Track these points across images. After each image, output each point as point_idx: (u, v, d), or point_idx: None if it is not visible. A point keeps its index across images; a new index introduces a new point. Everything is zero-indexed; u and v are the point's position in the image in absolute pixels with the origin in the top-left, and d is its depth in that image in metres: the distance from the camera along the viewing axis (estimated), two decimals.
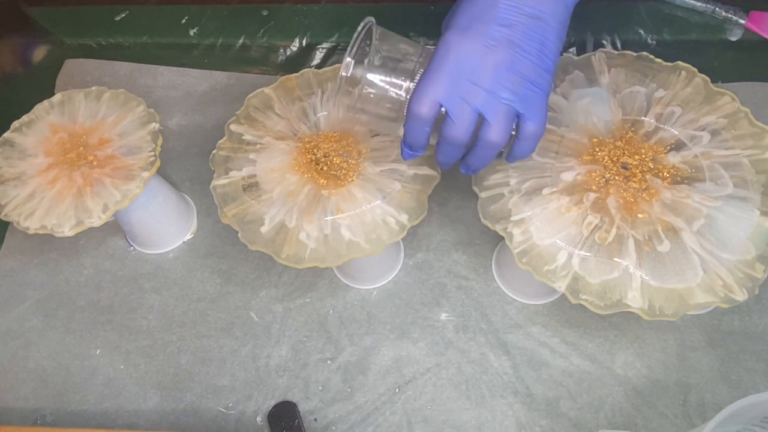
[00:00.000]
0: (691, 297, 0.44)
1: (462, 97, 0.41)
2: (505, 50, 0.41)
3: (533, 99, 0.42)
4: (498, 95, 0.41)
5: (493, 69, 0.41)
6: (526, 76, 0.41)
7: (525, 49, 0.41)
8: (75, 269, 0.62)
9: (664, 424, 0.51)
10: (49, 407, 0.55)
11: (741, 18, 0.70)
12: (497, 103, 0.41)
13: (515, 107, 0.42)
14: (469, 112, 0.42)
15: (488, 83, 0.41)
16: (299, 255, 0.48)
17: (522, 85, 0.41)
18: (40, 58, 0.77)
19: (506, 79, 0.41)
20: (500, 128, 0.42)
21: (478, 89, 0.41)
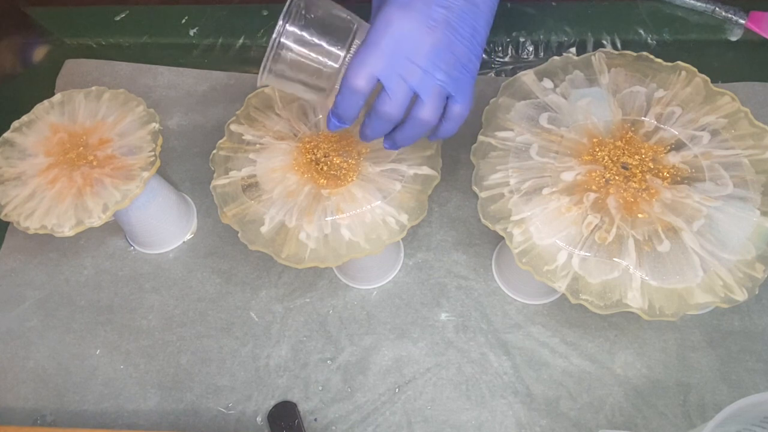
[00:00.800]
0: (691, 297, 0.44)
1: (399, 74, 0.42)
2: (443, 31, 0.42)
3: (463, 82, 0.43)
4: (433, 75, 0.42)
5: (431, 49, 0.42)
6: (459, 59, 0.43)
7: (460, 33, 0.42)
8: (75, 269, 0.62)
9: (664, 424, 0.51)
10: (49, 407, 0.55)
11: (741, 18, 0.70)
12: (432, 83, 0.42)
13: (447, 89, 0.43)
14: (405, 89, 0.42)
15: (425, 63, 0.42)
16: (299, 255, 0.48)
17: (455, 68, 0.43)
18: (40, 58, 0.77)
19: (442, 60, 0.42)
20: (433, 107, 0.43)
21: (416, 68, 0.42)
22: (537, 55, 0.71)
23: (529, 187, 0.48)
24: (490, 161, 0.50)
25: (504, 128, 0.51)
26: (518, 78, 0.53)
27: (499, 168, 0.49)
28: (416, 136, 0.46)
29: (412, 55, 0.42)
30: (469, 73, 0.44)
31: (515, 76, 0.53)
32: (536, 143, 0.50)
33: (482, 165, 0.50)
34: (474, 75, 0.44)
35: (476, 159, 0.50)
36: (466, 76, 0.43)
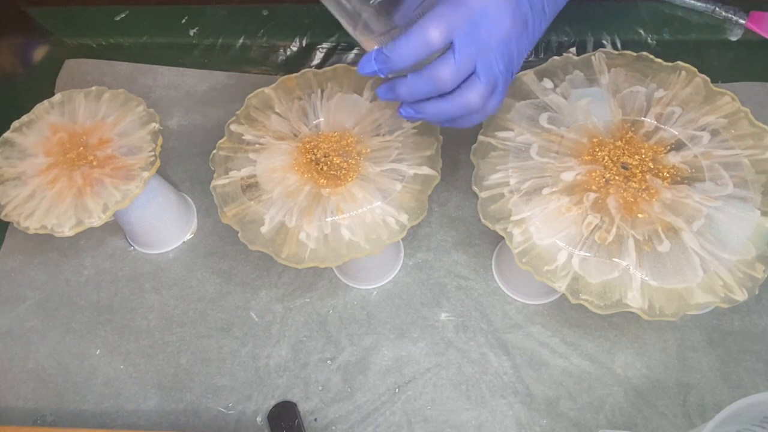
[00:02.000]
0: (691, 297, 0.44)
1: (474, 47, 0.40)
2: (522, 27, 0.42)
3: (509, 78, 0.43)
4: (498, 62, 0.41)
5: (508, 37, 0.41)
6: (518, 56, 0.43)
7: (529, 33, 0.43)
8: (75, 269, 0.62)
9: (664, 424, 0.51)
10: (49, 407, 0.55)
11: (741, 18, 0.70)
12: (495, 69, 0.42)
13: (499, 80, 0.42)
14: (470, 62, 0.41)
15: (499, 47, 0.41)
16: (299, 255, 0.48)
17: (512, 63, 0.42)
18: (40, 58, 0.77)
19: (509, 52, 0.42)
20: (484, 93, 0.42)
21: (489, 47, 0.41)
22: (537, 55, 0.71)
23: (529, 187, 0.48)
24: (490, 161, 0.50)
25: (504, 128, 0.51)
26: (518, 78, 0.53)
27: (499, 168, 0.49)
28: (450, 115, 0.44)
29: (492, 33, 0.41)
30: (513, 73, 0.43)
31: (515, 76, 0.53)
32: (536, 143, 0.50)
33: (482, 165, 0.50)
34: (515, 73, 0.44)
35: (476, 159, 0.50)
36: (511, 75, 0.43)
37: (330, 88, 0.55)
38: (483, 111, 0.44)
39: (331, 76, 0.56)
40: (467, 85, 0.42)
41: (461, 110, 0.43)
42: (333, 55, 0.73)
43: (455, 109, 0.43)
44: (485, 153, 0.50)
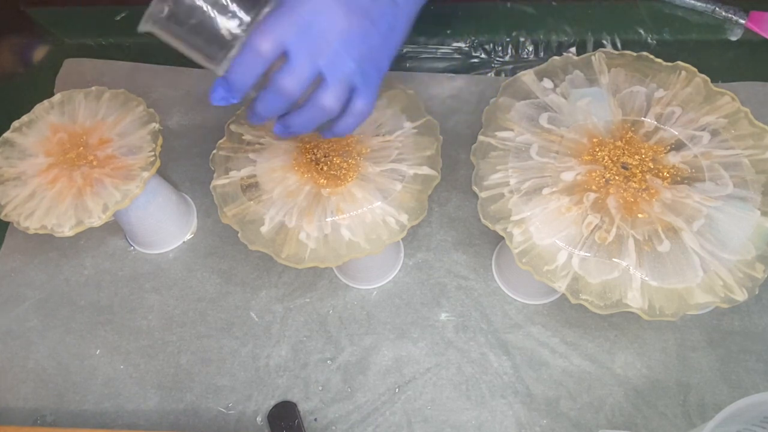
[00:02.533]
0: (691, 297, 0.44)
1: (309, 50, 0.39)
2: (362, 20, 0.40)
3: (372, 78, 0.42)
4: (345, 61, 0.40)
5: (347, 33, 0.40)
6: (372, 54, 0.41)
7: (378, 28, 0.41)
8: (75, 269, 0.62)
9: (664, 424, 0.51)
10: (49, 407, 0.55)
11: (741, 18, 0.70)
12: (341, 69, 0.40)
13: (355, 79, 0.41)
14: (311, 66, 0.40)
15: (339, 45, 0.40)
16: (299, 255, 0.48)
17: (366, 61, 0.41)
18: (40, 58, 0.77)
19: (356, 49, 0.40)
20: (337, 94, 0.41)
21: (328, 47, 0.40)
22: (537, 55, 0.71)
23: (529, 187, 0.48)
24: (490, 161, 0.50)
25: (504, 128, 0.51)
26: (518, 78, 0.53)
27: (499, 168, 0.49)
28: (312, 124, 0.43)
29: (327, 33, 0.39)
30: (379, 70, 0.42)
31: (515, 76, 0.53)
32: (536, 143, 0.50)
33: (482, 165, 0.50)
34: (382, 75, 0.42)
35: (476, 159, 0.50)
36: (375, 72, 0.42)
37: None
38: (352, 113, 0.43)
39: None
40: (317, 91, 0.41)
41: (321, 116, 0.42)
42: None
43: (315, 117, 0.42)
44: (485, 153, 0.50)
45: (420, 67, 0.71)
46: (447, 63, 0.71)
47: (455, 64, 0.71)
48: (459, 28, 0.73)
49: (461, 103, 0.67)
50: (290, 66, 0.40)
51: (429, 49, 0.72)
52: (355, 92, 0.42)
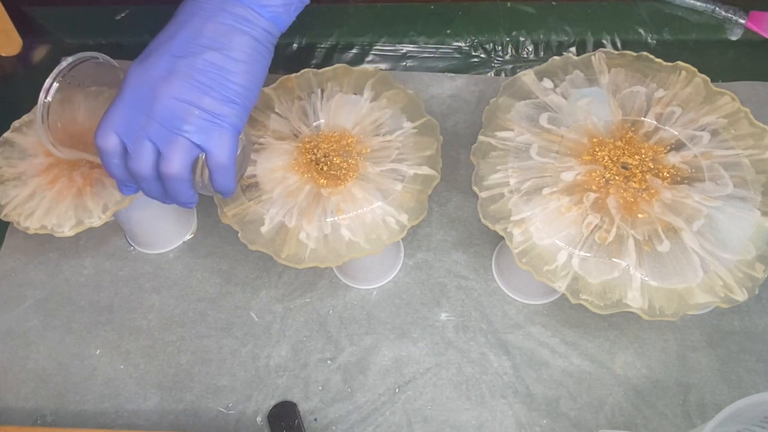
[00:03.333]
0: (691, 297, 0.44)
1: (137, 129, 0.41)
2: (178, 81, 0.41)
3: (212, 130, 0.42)
4: (170, 126, 0.41)
5: (166, 100, 0.41)
6: (202, 107, 0.41)
7: (200, 80, 0.41)
8: (75, 269, 0.62)
9: (664, 424, 0.51)
10: (49, 407, 0.55)
11: (741, 18, 0.70)
12: (170, 134, 0.41)
13: (192, 139, 0.41)
14: (145, 144, 0.41)
15: (160, 114, 0.41)
16: (299, 255, 0.48)
17: (198, 116, 0.41)
18: (40, 58, 0.77)
19: (179, 110, 0.41)
20: (175, 160, 0.42)
21: (152, 120, 0.41)
22: (537, 54, 0.71)
23: (529, 187, 0.48)
24: (490, 161, 0.50)
25: (504, 128, 0.51)
26: (518, 78, 0.53)
27: (499, 168, 0.49)
28: (182, 192, 0.44)
29: (148, 108, 0.41)
30: (220, 120, 0.42)
31: (515, 76, 0.53)
32: (536, 143, 0.50)
33: (482, 165, 0.50)
34: (231, 122, 0.42)
35: (476, 159, 0.50)
36: (216, 123, 0.42)
37: (330, 88, 0.55)
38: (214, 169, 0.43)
39: (331, 76, 0.56)
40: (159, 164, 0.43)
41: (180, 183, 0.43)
42: (333, 55, 0.73)
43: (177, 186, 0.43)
44: (485, 153, 0.50)
45: (420, 67, 0.71)
46: (447, 63, 0.71)
47: (455, 64, 0.71)
48: (459, 28, 0.73)
49: (461, 103, 0.67)
50: (129, 152, 0.42)
51: (429, 49, 0.72)
52: (204, 149, 0.42)
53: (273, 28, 0.44)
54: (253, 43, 0.43)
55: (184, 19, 0.43)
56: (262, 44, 0.43)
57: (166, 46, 0.42)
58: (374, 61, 0.72)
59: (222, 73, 0.42)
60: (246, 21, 0.42)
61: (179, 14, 0.43)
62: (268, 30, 0.44)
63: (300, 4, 0.45)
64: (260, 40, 0.43)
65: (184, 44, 0.42)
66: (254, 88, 0.43)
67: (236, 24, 0.42)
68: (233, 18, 0.42)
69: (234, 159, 0.43)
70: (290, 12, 0.45)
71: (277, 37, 0.45)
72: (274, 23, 0.44)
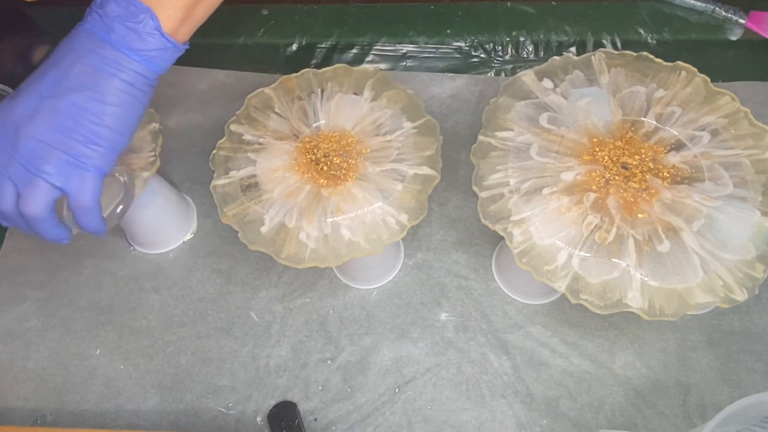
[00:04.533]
0: (691, 297, 0.44)
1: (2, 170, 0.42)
2: (41, 121, 0.41)
3: (73, 172, 0.42)
4: (30, 166, 0.41)
5: (27, 139, 0.41)
6: (64, 149, 0.41)
7: (62, 122, 0.41)
8: (75, 269, 0.62)
9: (664, 424, 0.51)
10: (49, 407, 0.55)
11: (741, 18, 0.70)
12: (29, 175, 0.41)
13: (50, 180, 0.41)
14: (5, 183, 0.42)
15: (21, 154, 0.41)
16: (299, 255, 0.48)
17: (59, 158, 0.41)
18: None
19: (40, 150, 0.41)
20: (32, 201, 0.42)
21: (13, 160, 0.41)
22: (537, 54, 0.71)
23: (529, 187, 0.48)
24: (490, 161, 0.50)
25: (504, 128, 0.51)
26: (518, 78, 0.53)
27: (499, 168, 0.49)
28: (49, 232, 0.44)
29: (11, 147, 0.41)
30: (81, 161, 0.42)
31: (515, 76, 0.53)
32: (536, 143, 0.50)
33: (482, 165, 0.50)
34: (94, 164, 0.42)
35: (476, 159, 0.50)
36: (77, 165, 0.42)
37: (330, 88, 0.55)
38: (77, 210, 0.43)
39: (331, 76, 0.56)
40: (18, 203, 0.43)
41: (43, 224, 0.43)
42: (333, 55, 0.73)
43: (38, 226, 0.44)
44: (485, 153, 0.50)
45: (420, 67, 0.71)
46: (447, 63, 0.71)
47: (455, 64, 0.71)
48: (459, 28, 0.73)
49: (461, 103, 0.67)
50: None
51: (429, 49, 0.72)
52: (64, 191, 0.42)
53: (147, 71, 0.43)
54: (123, 86, 0.42)
55: (55, 60, 0.42)
56: (135, 86, 0.43)
57: (35, 85, 0.42)
58: (374, 61, 0.72)
59: (86, 115, 0.41)
60: (115, 63, 0.42)
61: (52, 55, 0.43)
62: (141, 73, 0.43)
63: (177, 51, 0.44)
64: (131, 83, 0.42)
65: (51, 85, 0.42)
66: (123, 130, 0.43)
67: (104, 66, 0.42)
68: (101, 60, 0.42)
69: (97, 200, 0.43)
70: (166, 57, 0.43)
71: (156, 79, 0.44)
72: (148, 66, 0.43)
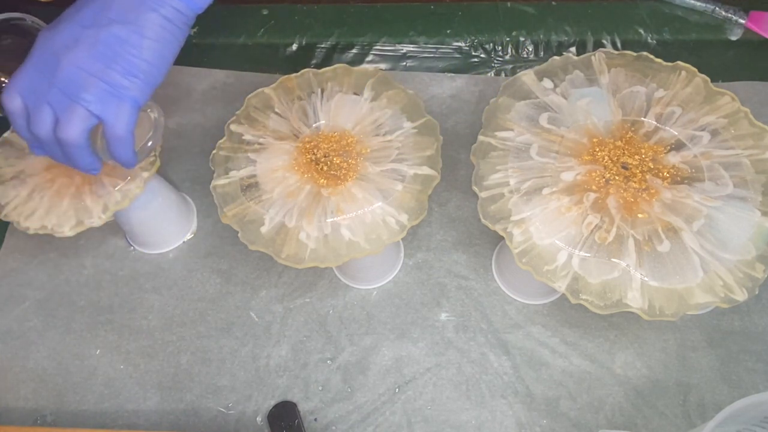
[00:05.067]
0: (691, 297, 0.44)
1: (39, 93, 0.42)
2: (82, 50, 0.42)
3: (111, 102, 0.42)
4: (69, 93, 0.42)
5: (68, 67, 0.42)
6: (103, 78, 0.42)
7: (103, 52, 0.42)
8: (75, 269, 0.62)
9: (664, 424, 0.51)
10: (49, 407, 0.55)
11: (741, 18, 0.70)
12: (68, 101, 0.42)
13: (89, 108, 0.42)
14: (44, 108, 0.43)
15: (61, 81, 0.42)
16: (299, 255, 0.48)
17: (98, 87, 0.42)
18: None
19: (80, 78, 0.42)
20: (70, 127, 0.42)
21: (53, 86, 0.42)
22: (537, 54, 0.71)
23: (529, 187, 0.48)
24: (490, 161, 0.50)
25: (504, 128, 0.51)
26: (518, 78, 0.53)
27: (499, 168, 0.49)
28: (79, 158, 0.45)
29: (51, 74, 0.42)
30: (119, 91, 0.42)
31: (515, 76, 0.53)
32: (536, 143, 0.50)
33: (482, 165, 0.50)
34: (131, 95, 0.43)
35: (476, 159, 0.50)
36: (115, 95, 0.42)
37: (330, 88, 0.55)
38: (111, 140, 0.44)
39: (331, 76, 0.56)
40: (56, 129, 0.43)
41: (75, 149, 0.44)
42: (333, 54, 0.73)
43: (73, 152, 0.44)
44: (485, 153, 0.50)
45: (420, 67, 0.71)
46: (447, 63, 0.71)
47: (455, 64, 0.71)
48: (459, 28, 0.73)
49: (461, 103, 0.67)
50: (31, 117, 0.43)
51: (429, 49, 0.72)
52: (101, 120, 0.43)
53: (186, 8, 0.44)
54: (162, 21, 0.43)
55: None
56: (173, 23, 0.44)
57: (76, 16, 0.43)
58: (374, 61, 0.72)
59: (125, 47, 0.42)
60: None
61: None
62: (180, 10, 0.44)
63: None
64: (170, 19, 0.44)
65: (92, 16, 0.43)
66: (160, 65, 0.44)
67: (145, 0, 0.43)
68: None
69: (131, 131, 0.44)
70: None
71: (193, 18, 0.45)
72: (187, 4, 0.44)
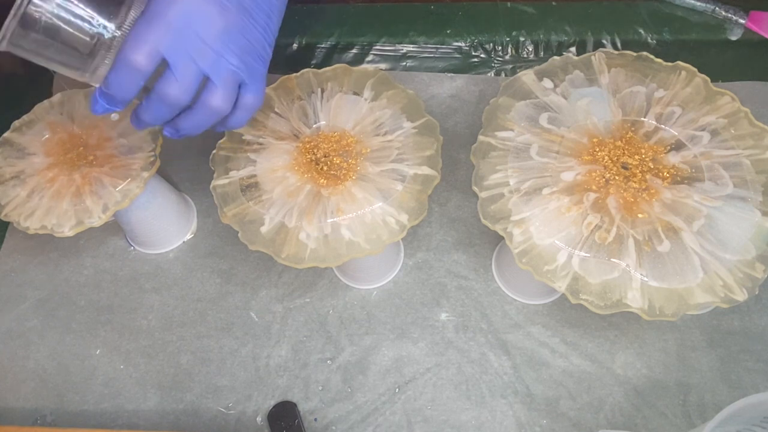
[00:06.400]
0: (691, 297, 0.44)
1: (190, 54, 0.39)
2: (237, 14, 0.40)
3: (257, 70, 0.42)
4: (227, 59, 0.40)
5: (224, 30, 0.39)
6: (254, 46, 0.41)
7: (255, 19, 0.41)
8: (75, 269, 0.62)
9: (664, 424, 0.51)
10: (49, 407, 0.55)
11: (741, 18, 0.70)
12: (226, 67, 0.40)
13: (241, 75, 0.41)
14: (194, 71, 0.39)
15: (219, 44, 0.39)
16: (299, 255, 0.48)
17: (249, 54, 0.41)
18: None
19: (237, 45, 0.40)
20: (226, 94, 0.41)
21: (208, 48, 0.39)
22: (537, 54, 0.71)
23: (529, 187, 0.48)
24: (490, 161, 0.50)
25: (504, 128, 0.51)
26: (518, 78, 0.53)
27: (499, 168, 0.49)
28: (204, 125, 0.43)
29: (204, 34, 0.39)
30: (262, 61, 0.42)
31: (515, 76, 0.53)
32: (536, 143, 0.50)
33: (482, 165, 0.50)
34: (267, 64, 0.42)
35: (476, 159, 0.50)
36: (259, 64, 0.42)
37: (330, 88, 0.55)
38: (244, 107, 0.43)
39: (331, 76, 0.56)
40: (205, 93, 0.41)
41: (212, 117, 0.42)
42: (333, 55, 0.73)
43: (206, 118, 0.42)
44: (485, 153, 0.50)
45: (420, 67, 0.71)
46: (447, 63, 0.71)
47: (455, 64, 0.71)
48: (459, 28, 0.73)
49: (461, 103, 0.67)
50: (172, 74, 0.39)
51: (429, 49, 0.72)
52: (243, 87, 0.42)
53: None
54: None
55: None
56: None
57: None
58: (374, 61, 0.72)
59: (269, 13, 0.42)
60: None
61: None
62: None
63: None
64: None
65: None
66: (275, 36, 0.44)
67: None
68: None
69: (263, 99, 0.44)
70: None
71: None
72: None
